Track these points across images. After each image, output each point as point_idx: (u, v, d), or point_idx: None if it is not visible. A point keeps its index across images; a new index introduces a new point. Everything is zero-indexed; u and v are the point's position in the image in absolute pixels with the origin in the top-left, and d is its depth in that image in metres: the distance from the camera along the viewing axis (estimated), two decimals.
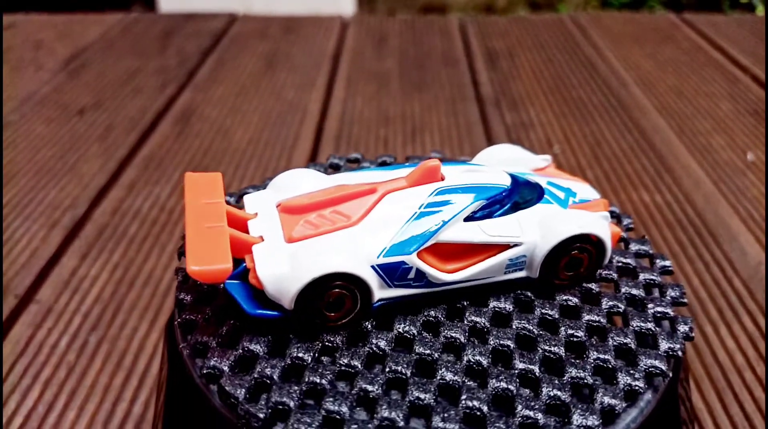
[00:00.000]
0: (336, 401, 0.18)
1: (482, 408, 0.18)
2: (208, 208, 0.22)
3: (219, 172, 0.24)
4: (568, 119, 0.70)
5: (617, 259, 0.24)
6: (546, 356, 0.20)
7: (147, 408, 0.37)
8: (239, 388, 0.19)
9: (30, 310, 0.44)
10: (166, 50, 0.87)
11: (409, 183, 0.22)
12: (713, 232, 0.52)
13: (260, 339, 0.20)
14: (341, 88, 0.76)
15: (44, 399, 0.38)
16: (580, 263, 0.22)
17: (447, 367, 0.19)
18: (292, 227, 0.21)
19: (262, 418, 0.18)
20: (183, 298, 0.22)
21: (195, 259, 0.19)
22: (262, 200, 0.23)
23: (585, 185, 0.24)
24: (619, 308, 0.22)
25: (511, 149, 0.26)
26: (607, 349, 0.20)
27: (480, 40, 0.91)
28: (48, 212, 0.54)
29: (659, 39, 0.92)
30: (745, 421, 0.37)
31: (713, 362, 0.40)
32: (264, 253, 0.20)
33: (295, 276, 0.19)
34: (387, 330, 0.20)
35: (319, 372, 0.19)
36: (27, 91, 0.75)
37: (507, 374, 0.19)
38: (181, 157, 0.62)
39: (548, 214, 0.22)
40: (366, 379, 0.19)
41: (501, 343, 0.20)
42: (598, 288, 0.22)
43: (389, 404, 0.18)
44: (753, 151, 0.64)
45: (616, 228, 0.23)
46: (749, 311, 0.44)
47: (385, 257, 0.20)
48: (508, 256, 0.21)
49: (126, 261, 0.48)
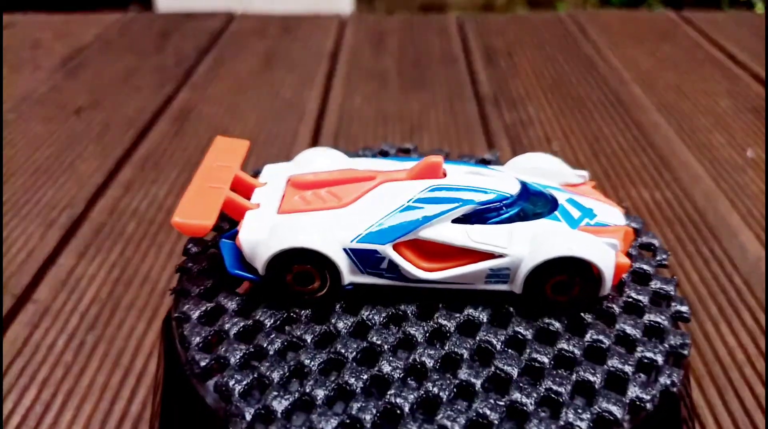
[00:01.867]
0: (271, 367, 0.19)
1: (404, 407, 0.18)
2: (219, 170, 0.23)
3: (247, 141, 0.25)
4: (567, 117, 0.70)
5: (629, 292, 0.22)
6: (495, 374, 0.19)
7: (144, 407, 0.37)
8: (196, 336, 0.20)
9: (27, 309, 0.44)
10: (164, 49, 0.87)
11: (408, 176, 0.22)
12: (713, 229, 0.51)
13: (233, 297, 0.21)
14: (339, 87, 0.76)
15: (41, 398, 0.38)
16: (570, 287, 0.20)
17: (389, 361, 0.19)
18: (288, 200, 0.22)
19: (203, 366, 0.19)
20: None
21: (182, 212, 0.21)
22: (278, 172, 0.24)
23: (615, 209, 0.23)
24: (603, 343, 0.20)
25: (545, 160, 0.25)
26: (565, 381, 0.19)
27: (478, 38, 0.91)
28: (45, 211, 0.54)
29: (658, 36, 0.91)
30: (746, 417, 0.36)
31: (713, 359, 0.40)
32: (253, 219, 0.21)
33: (269, 245, 0.20)
34: (352, 314, 0.21)
35: (269, 338, 0.20)
36: (24, 91, 0.75)
37: (445, 381, 0.19)
38: (178, 156, 0.62)
39: (545, 231, 0.21)
40: (308, 354, 0.19)
41: (455, 350, 0.19)
42: (592, 318, 0.21)
43: (316, 382, 0.18)
44: (752, 148, 0.63)
45: (625, 259, 0.20)
46: (749, 308, 0.44)
47: (358, 243, 0.20)
48: (489, 265, 0.20)
49: (123, 260, 0.48)
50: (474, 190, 0.21)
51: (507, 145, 0.64)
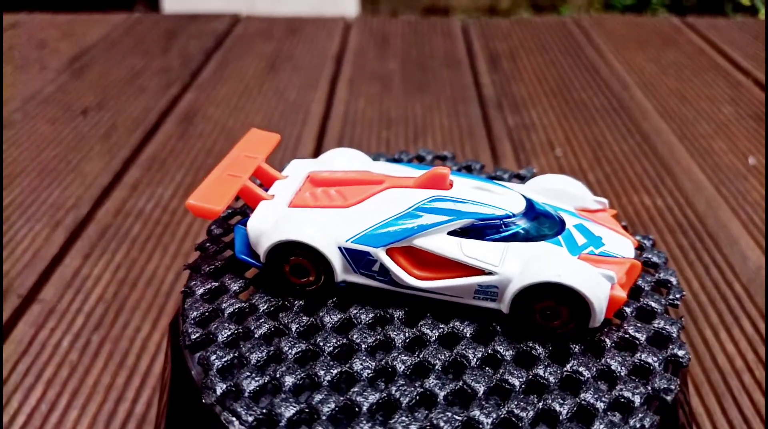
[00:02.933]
0: (252, 349, 0.20)
1: (362, 406, 0.18)
2: (243, 160, 0.25)
3: (278, 135, 0.27)
4: (570, 121, 0.70)
5: (628, 328, 0.21)
6: (461, 388, 0.19)
7: (149, 407, 0.37)
8: (195, 310, 0.22)
9: (33, 309, 0.44)
10: (170, 50, 0.88)
11: (414, 184, 0.22)
12: (714, 236, 0.52)
13: (238, 279, 0.23)
14: (344, 89, 0.77)
15: (47, 398, 0.38)
16: (559, 314, 0.20)
17: (362, 360, 0.20)
18: (300, 195, 0.23)
19: (193, 339, 0.21)
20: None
21: (197, 195, 0.22)
22: (301, 167, 0.25)
23: (627, 241, 0.22)
24: (581, 376, 0.20)
25: (566, 182, 0.24)
26: (530, 407, 0.19)
27: (482, 41, 0.92)
28: (51, 212, 0.54)
29: (662, 42, 0.92)
30: (744, 425, 0.37)
31: (713, 366, 0.40)
32: (264, 209, 0.23)
33: (270, 235, 0.21)
34: (341, 311, 0.22)
35: (258, 322, 0.21)
36: (30, 91, 0.76)
37: (409, 388, 0.19)
38: (184, 158, 0.62)
39: (541, 254, 0.20)
40: (289, 342, 0.20)
41: (429, 359, 0.20)
42: (579, 348, 0.20)
43: (288, 369, 0.19)
44: (754, 155, 0.64)
45: (621, 293, 0.20)
46: (749, 315, 0.44)
47: (353, 243, 0.21)
48: (477, 281, 0.20)
49: (129, 261, 0.49)
50: (476, 205, 0.21)
51: (510, 149, 0.64)
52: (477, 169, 0.30)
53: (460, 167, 0.31)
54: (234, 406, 0.19)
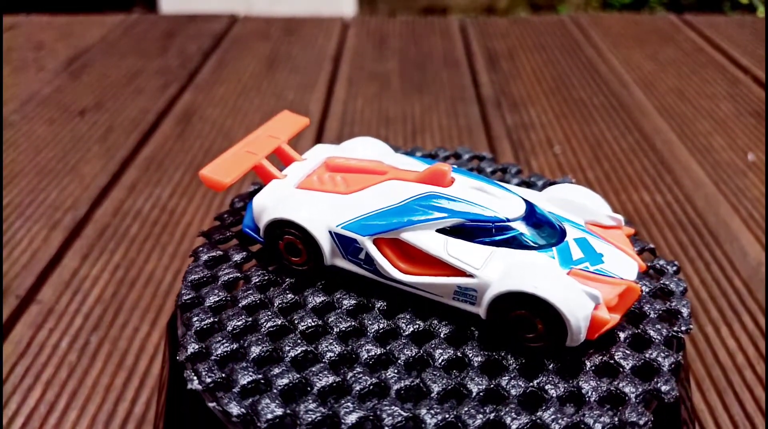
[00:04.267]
0: (232, 317, 0.21)
1: (314, 385, 0.19)
2: (265, 139, 0.26)
3: (307, 119, 0.28)
4: (569, 120, 0.70)
5: (615, 353, 0.20)
6: (416, 385, 0.19)
7: (148, 408, 0.37)
8: (194, 274, 0.23)
9: (31, 310, 0.44)
10: (168, 51, 0.88)
11: (415, 178, 0.22)
12: (714, 233, 0.52)
13: (243, 251, 0.24)
14: (342, 89, 0.77)
15: (46, 399, 0.38)
16: (533, 327, 0.19)
17: (330, 343, 0.20)
18: (309, 178, 0.24)
19: (184, 300, 0.22)
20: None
21: (210, 167, 0.24)
22: (322, 151, 0.26)
23: (631, 263, 0.21)
24: (546, 394, 0.19)
25: (582, 194, 0.23)
26: (480, 415, 0.18)
27: (480, 41, 0.92)
28: (49, 213, 0.54)
29: (660, 40, 0.92)
30: (746, 420, 0.37)
31: (714, 362, 0.40)
32: (272, 187, 0.24)
33: (269, 212, 0.22)
34: (327, 294, 0.22)
35: (246, 293, 0.22)
36: (28, 92, 0.76)
37: (365, 376, 0.19)
38: (182, 158, 0.62)
39: (525, 263, 0.20)
40: (267, 315, 0.21)
41: (394, 352, 0.20)
42: (554, 366, 0.20)
43: (258, 341, 0.20)
44: (753, 151, 0.64)
45: (605, 315, 0.19)
46: (749, 311, 0.44)
47: (343, 229, 0.21)
48: (457, 282, 0.20)
49: (127, 262, 0.48)
50: (469, 205, 0.21)
51: (509, 147, 0.64)
52: (513, 172, 0.30)
53: (496, 170, 0.30)
54: (198, 367, 0.20)
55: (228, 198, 0.55)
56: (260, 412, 0.18)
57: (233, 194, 0.56)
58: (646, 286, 0.23)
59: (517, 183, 0.29)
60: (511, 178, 0.29)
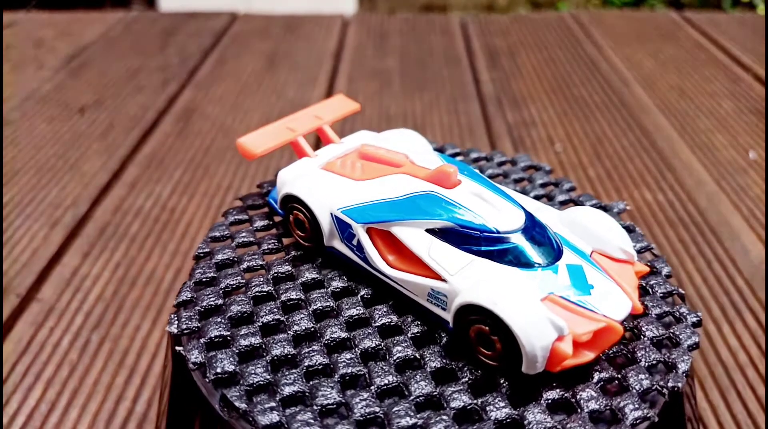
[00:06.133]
0: (224, 277, 0.23)
1: (270, 351, 0.20)
2: (309, 119, 0.28)
3: (358, 105, 0.30)
4: (570, 118, 0.70)
5: (581, 393, 0.18)
6: (359, 375, 0.19)
7: (149, 407, 0.37)
8: (216, 231, 0.25)
9: (32, 309, 0.44)
10: (167, 49, 0.87)
11: (423, 176, 0.22)
12: (715, 231, 0.51)
13: (266, 219, 0.26)
14: (342, 87, 0.76)
15: (47, 398, 0.38)
16: (492, 346, 0.19)
17: (300, 318, 0.21)
18: (335, 161, 0.25)
19: (196, 253, 0.24)
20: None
21: (248, 137, 0.26)
22: (361, 138, 0.27)
23: (624, 303, 0.20)
24: (484, 414, 0.18)
25: (598, 220, 0.22)
26: (407, 418, 0.18)
27: (481, 38, 0.91)
28: (49, 211, 0.54)
29: (661, 37, 0.91)
30: (749, 419, 0.37)
31: (716, 361, 0.40)
32: (299, 164, 0.25)
33: (286, 187, 0.24)
34: (320, 273, 0.23)
35: (250, 256, 0.24)
36: (28, 90, 0.75)
37: (317, 356, 0.20)
38: (182, 156, 0.62)
39: (498, 277, 0.19)
40: (258, 282, 0.23)
41: (354, 339, 0.20)
42: (506, 388, 0.19)
43: (237, 303, 0.22)
44: (755, 149, 0.63)
45: (567, 348, 0.18)
46: (751, 309, 0.44)
47: (342, 213, 0.22)
48: (431, 284, 0.20)
49: (127, 260, 0.48)
50: (463, 211, 0.21)
51: (510, 145, 0.64)
52: (565, 188, 0.29)
53: (548, 183, 0.29)
54: (181, 313, 0.21)
55: (230, 193, 0.55)
56: (213, 366, 0.19)
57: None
58: (652, 331, 0.21)
59: (562, 200, 0.28)
60: (558, 193, 0.28)
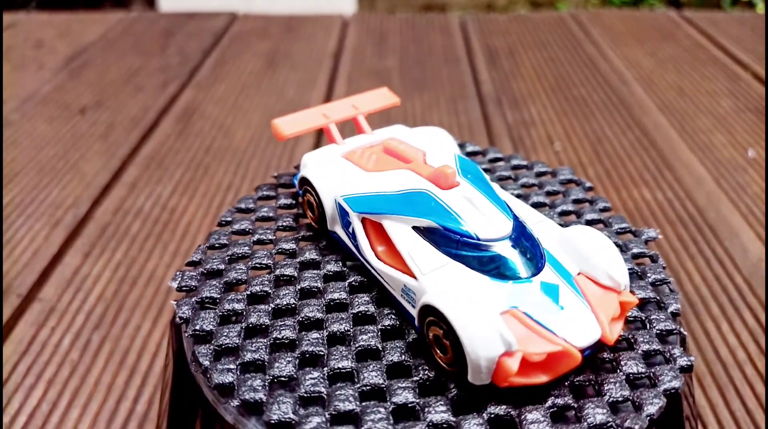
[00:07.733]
0: (239, 245, 0.24)
1: (247, 319, 0.21)
2: (345, 107, 0.29)
3: (397, 99, 0.30)
4: (570, 117, 0.70)
5: (524, 412, 0.18)
6: (317, 355, 0.20)
7: (150, 406, 0.37)
8: (243, 203, 0.27)
9: (33, 309, 0.44)
10: (167, 49, 0.87)
11: (425, 174, 0.23)
12: (714, 229, 0.52)
13: (288, 196, 0.28)
14: (342, 86, 0.77)
15: (48, 397, 0.38)
16: (445, 349, 0.18)
17: (284, 294, 0.22)
18: (356, 151, 0.26)
19: (219, 222, 0.26)
20: None
21: (283, 118, 0.28)
22: (391, 132, 0.28)
23: (593, 331, 0.19)
24: (421, 414, 0.18)
25: (591, 242, 0.21)
26: (346, 403, 0.18)
27: (481, 38, 0.91)
28: (50, 211, 0.54)
29: (660, 36, 0.92)
30: (747, 416, 0.37)
31: (715, 358, 0.40)
32: (324, 150, 0.27)
33: (304, 170, 0.25)
34: (320, 254, 0.24)
35: (264, 230, 0.26)
36: (28, 90, 0.75)
37: (286, 331, 0.21)
38: (182, 156, 0.62)
39: (463, 283, 0.19)
40: (262, 253, 0.24)
41: (326, 322, 0.21)
42: (457, 396, 0.19)
43: (234, 271, 0.23)
44: (754, 148, 0.64)
45: (512, 365, 0.17)
46: (750, 307, 0.44)
47: (344, 200, 0.23)
48: (403, 279, 0.20)
49: (128, 259, 0.48)
50: (449, 213, 0.21)
51: (509, 145, 0.64)
52: (599, 208, 0.28)
53: (582, 200, 0.28)
54: (185, 270, 0.23)
55: (230, 193, 0.55)
56: (195, 322, 0.21)
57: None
58: (631, 367, 0.20)
59: (590, 219, 0.27)
60: (587, 212, 0.28)
